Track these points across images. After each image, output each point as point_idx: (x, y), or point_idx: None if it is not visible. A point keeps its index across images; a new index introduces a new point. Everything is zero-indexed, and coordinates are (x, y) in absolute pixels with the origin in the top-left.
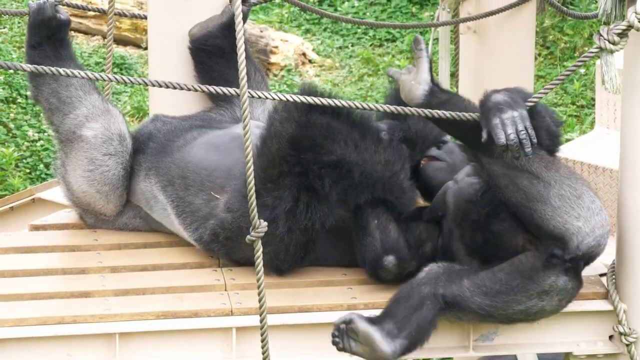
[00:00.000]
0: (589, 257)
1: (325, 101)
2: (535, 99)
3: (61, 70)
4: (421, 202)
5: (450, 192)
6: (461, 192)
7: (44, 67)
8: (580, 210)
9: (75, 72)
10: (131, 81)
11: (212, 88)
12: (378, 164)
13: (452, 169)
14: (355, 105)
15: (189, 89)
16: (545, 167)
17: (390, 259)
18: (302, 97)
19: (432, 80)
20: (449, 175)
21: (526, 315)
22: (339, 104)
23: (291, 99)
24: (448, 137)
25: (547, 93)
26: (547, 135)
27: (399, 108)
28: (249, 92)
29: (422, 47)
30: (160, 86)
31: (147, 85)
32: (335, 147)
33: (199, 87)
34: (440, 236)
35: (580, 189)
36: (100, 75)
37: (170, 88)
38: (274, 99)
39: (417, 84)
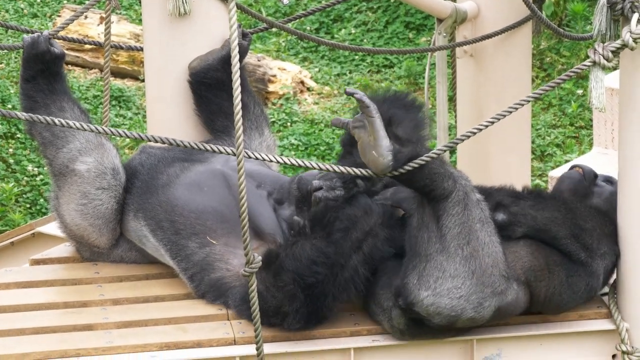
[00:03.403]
0: (420, 317)
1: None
2: (528, 100)
3: (56, 120)
4: None
5: None
6: None
7: (39, 117)
8: (439, 286)
9: (70, 122)
10: (126, 135)
11: (209, 146)
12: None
13: None
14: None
15: (185, 147)
16: (456, 236)
17: None
18: (292, 160)
19: (391, 138)
20: None
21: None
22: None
23: (288, 162)
24: None
25: (535, 99)
26: None
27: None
28: (245, 153)
29: (369, 104)
30: (157, 141)
31: (142, 139)
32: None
33: (196, 144)
34: None
35: (462, 273)
36: (96, 128)
37: (167, 144)
38: (270, 160)
39: (379, 156)
